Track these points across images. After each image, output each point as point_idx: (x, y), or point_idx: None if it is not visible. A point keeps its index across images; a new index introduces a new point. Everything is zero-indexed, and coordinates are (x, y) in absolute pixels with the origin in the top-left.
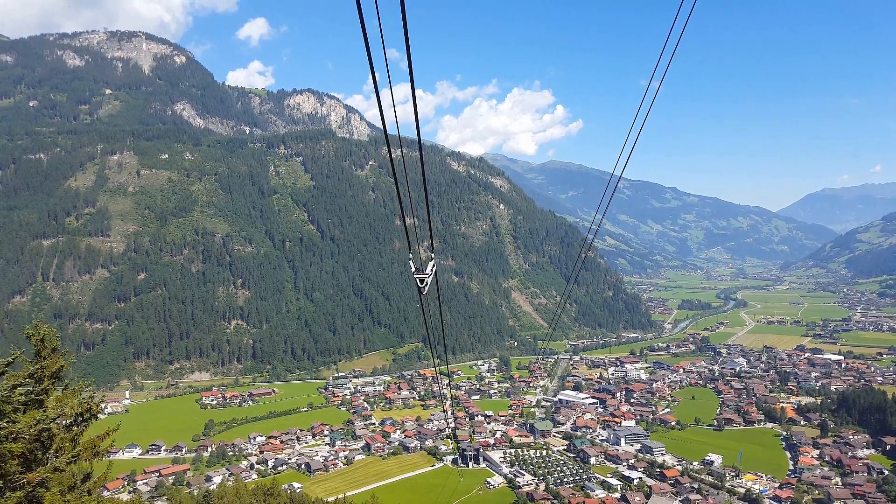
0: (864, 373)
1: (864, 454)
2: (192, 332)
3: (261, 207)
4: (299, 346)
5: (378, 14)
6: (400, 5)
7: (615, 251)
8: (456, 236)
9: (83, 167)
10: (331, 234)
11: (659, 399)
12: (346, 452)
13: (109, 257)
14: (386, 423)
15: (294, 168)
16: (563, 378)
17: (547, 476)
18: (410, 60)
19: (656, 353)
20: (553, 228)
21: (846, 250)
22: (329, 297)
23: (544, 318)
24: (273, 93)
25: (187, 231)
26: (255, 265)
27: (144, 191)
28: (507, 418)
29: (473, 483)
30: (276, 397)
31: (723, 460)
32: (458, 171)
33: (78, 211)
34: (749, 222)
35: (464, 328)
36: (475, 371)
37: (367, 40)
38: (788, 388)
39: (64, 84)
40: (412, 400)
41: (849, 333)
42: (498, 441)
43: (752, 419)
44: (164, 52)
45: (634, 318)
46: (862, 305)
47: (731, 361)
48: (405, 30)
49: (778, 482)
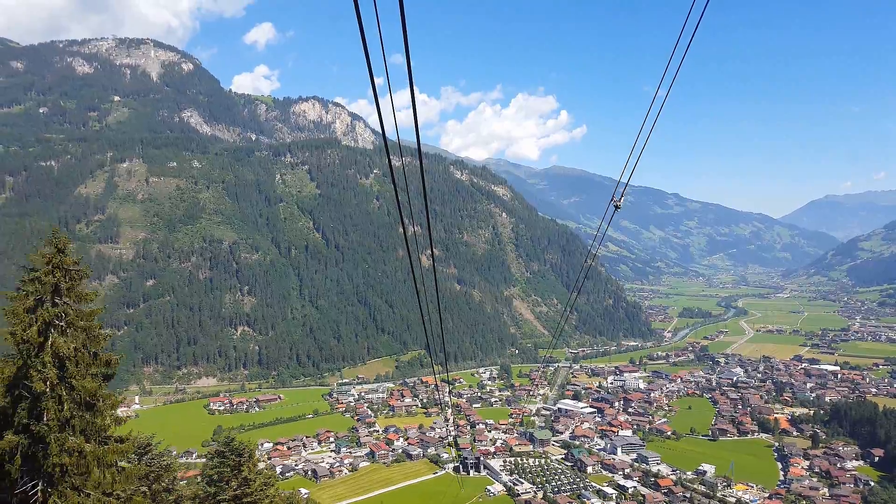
0: (858, 384)
1: (852, 465)
2: (199, 339)
3: (267, 215)
4: (304, 353)
5: (378, 22)
6: (400, 14)
7: (617, 257)
8: (458, 244)
9: (93, 174)
10: (335, 241)
11: (656, 409)
12: (350, 459)
13: (119, 264)
14: (389, 431)
15: (300, 176)
16: (563, 387)
17: (545, 484)
18: (410, 70)
19: (655, 361)
20: (555, 236)
21: (848, 258)
22: (333, 304)
23: (545, 326)
24: (279, 100)
25: (195, 238)
26: (262, 272)
27: (153, 198)
28: (508, 427)
29: (474, 491)
30: (282, 403)
31: (715, 470)
32: (461, 179)
33: (88, 218)
34: (751, 229)
35: (466, 336)
36: (476, 379)
37: (366, 49)
38: (784, 398)
39: (73, 91)
40: (415, 407)
41: (847, 343)
42: (498, 449)
43: (746, 430)
44: (172, 59)
45: (634, 327)
46: (861, 315)
47: (729, 371)
48: (405, 39)
49: (768, 492)
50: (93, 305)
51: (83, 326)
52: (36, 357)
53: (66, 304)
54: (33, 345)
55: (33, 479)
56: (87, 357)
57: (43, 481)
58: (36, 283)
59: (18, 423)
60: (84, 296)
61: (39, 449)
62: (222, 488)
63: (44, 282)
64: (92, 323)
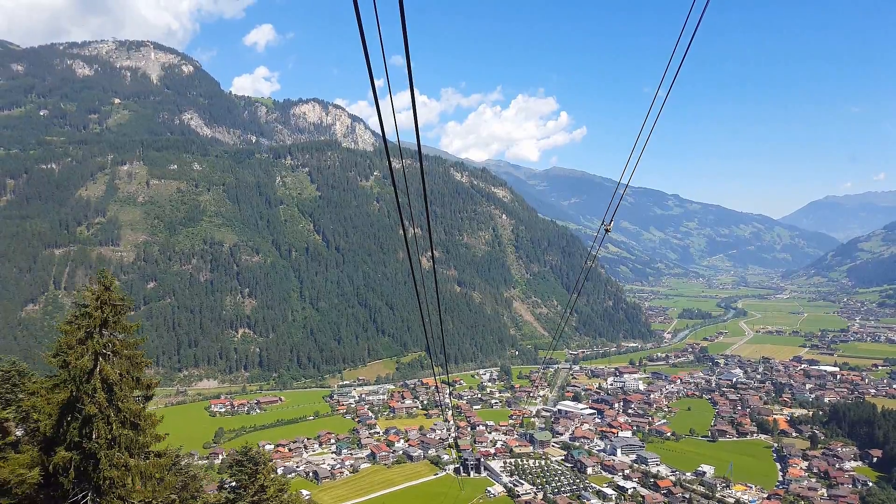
0: (857, 385)
1: (850, 466)
2: (200, 341)
3: (268, 217)
4: (305, 355)
5: (378, 24)
6: (400, 15)
7: (617, 258)
8: (459, 246)
9: (94, 177)
10: (336, 243)
11: (656, 410)
12: (352, 461)
13: (120, 266)
14: (390, 433)
15: (300, 179)
16: (563, 388)
17: (545, 485)
18: (410, 72)
19: (655, 363)
20: (554, 238)
21: (847, 259)
22: (334, 306)
23: (545, 328)
24: (279, 102)
25: (196, 241)
26: (262, 275)
27: (154, 201)
28: (508, 428)
29: (475, 492)
30: (283, 405)
31: (714, 471)
32: (461, 181)
33: (89, 220)
34: (751, 230)
35: (466, 337)
36: (477, 380)
37: (366, 50)
38: (783, 399)
39: (74, 93)
40: (415, 409)
41: (846, 344)
42: (498, 451)
43: (745, 431)
44: (172, 61)
45: (634, 328)
46: (861, 316)
47: (728, 372)
48: (405, 40)
49: (766, 493)
50: (135, 335)
51: (127, 355)
52: (87, 383)
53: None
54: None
55: (84, 490)
56: (131, 382)
57: (93, 492)
58: (86, 318)
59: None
60: (128, 328)
61: (90, 464)
62: (241, 495)
63: (93, 316)
64: (135, 352)
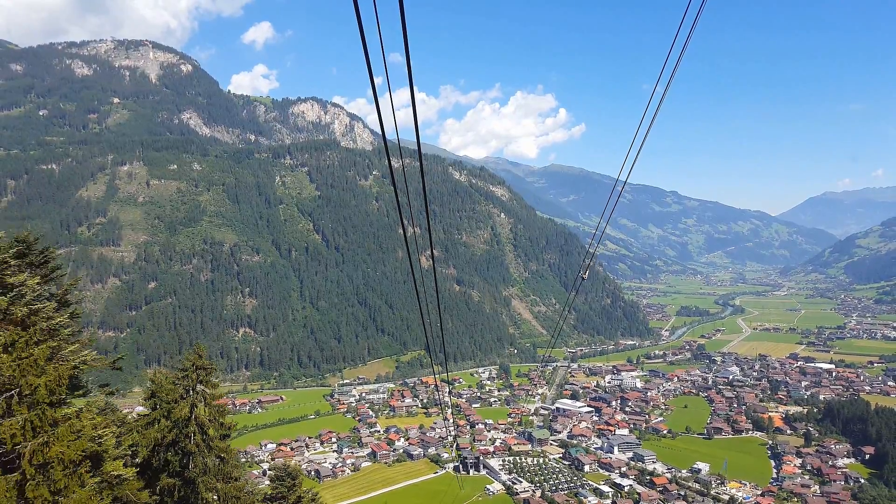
0: (853, 382)
1: (843, 463)
2: (201, 340)
3: (267, 217)
4: (305, 354)
5: (378, 21)
6: (399, 13)
7: (615, 256)
8: (457, 245)
9: (94, 177)
10: (335, 243)
11: (653, 408)
12: (353, 459)
13: (121, 266)
14: (390, 431)
15: (300, 178)
16: (561, 386)
17: (543, 483)
18: (410, 71)
19: (653, 360)
20: (553, 236)
21: (845, 255)
22: (334, 305)
23: (544, 326)
24: (278, 101)
25: (196, 241)
26: (262, 274)
27: (154, 201)
28: (507, 426)
29: (474, 490)
30: (284, 404)
31: (709, 468)
32: (459, 180)
33: (89, 221)
34: (749, 226)
35: (465, 336)
36: (476, 379)
37: (365, 48)
38: (778, 396)
39: (73, 93)
40: (415, 408)
41: (843, 341)
42: (497, 449)
43: (740, 428)
44: (171, 60)
45: (632, 326)
46: (858, 312)
47: (725, 370)
48: (405, 38)
49: (760, 490)
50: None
51: (214, 404)
52: (186, 427)
53: (204, 391)
54: (183, 418)
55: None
56: (217, 424)
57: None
58: (185, 379)
59: (172, 470)
60: (215, 384)
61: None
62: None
63: (190, 377)
64: (220, 401)
